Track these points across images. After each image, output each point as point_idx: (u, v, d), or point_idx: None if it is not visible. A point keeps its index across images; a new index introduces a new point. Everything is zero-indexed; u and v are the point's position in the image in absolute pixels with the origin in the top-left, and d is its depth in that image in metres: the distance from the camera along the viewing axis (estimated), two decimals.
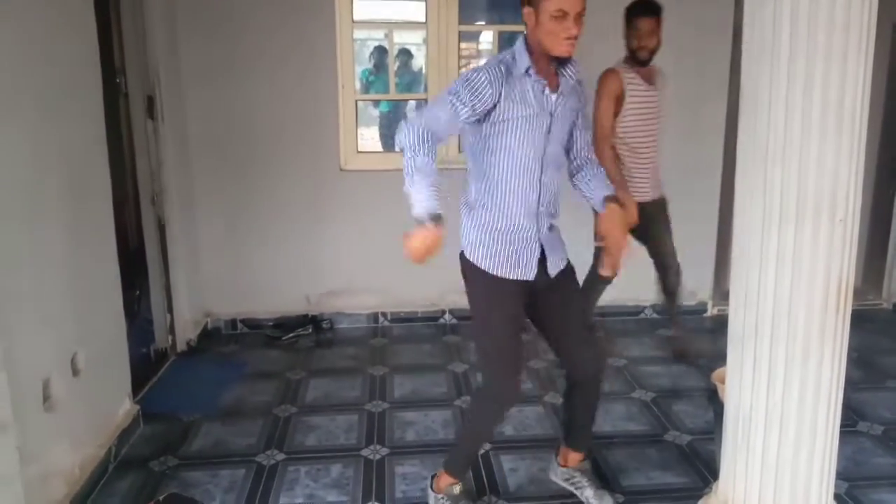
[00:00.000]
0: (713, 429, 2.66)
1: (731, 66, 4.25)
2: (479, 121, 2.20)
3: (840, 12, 1.81)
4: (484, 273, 2.31)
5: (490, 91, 2.14)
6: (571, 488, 2.69)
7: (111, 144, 3.10)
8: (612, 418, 3.32)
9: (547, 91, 2.22)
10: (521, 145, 2.21)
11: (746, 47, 2.01)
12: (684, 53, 4.27)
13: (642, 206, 3.47)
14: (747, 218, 2.05)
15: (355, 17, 4.33)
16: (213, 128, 4.26)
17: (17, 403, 2.21)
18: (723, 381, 2.32)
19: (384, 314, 4.55)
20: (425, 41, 4.48)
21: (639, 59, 3.46)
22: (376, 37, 6.74)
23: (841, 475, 2.31)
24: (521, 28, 5.39)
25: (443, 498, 2.57)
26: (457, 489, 2.58)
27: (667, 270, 3.84)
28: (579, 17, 2.13)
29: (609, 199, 2.30)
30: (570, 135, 2.37)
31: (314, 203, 4.39)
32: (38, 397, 2.44)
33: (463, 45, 4.98)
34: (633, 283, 4.53)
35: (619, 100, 3.43)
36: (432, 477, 2.64)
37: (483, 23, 5.63)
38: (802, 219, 1.92)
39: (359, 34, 4.49)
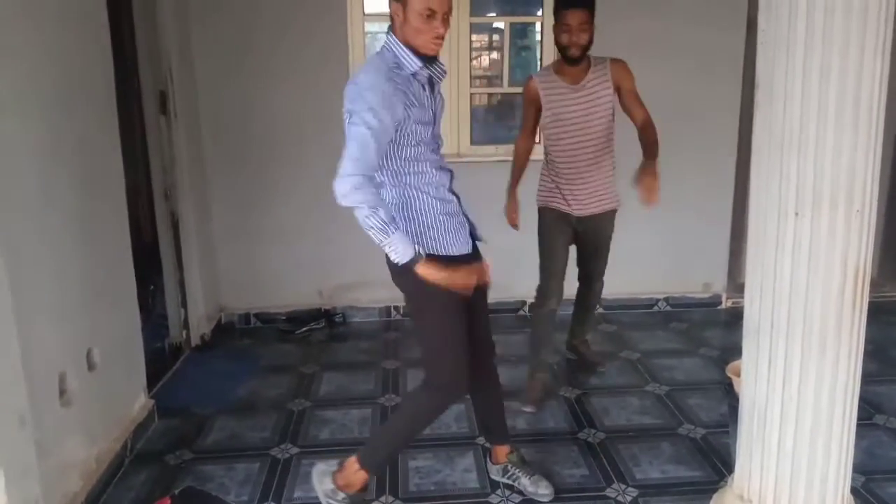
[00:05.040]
0: (728, 422, 2.65)
1: (745, 55, 4.22)
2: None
3: (857, 3, 1.79)
4: None
5: (397, 99, 2.11)
6: (509, 481, 2.72)
7: (124, 140, 3.11)
8: (626, 412, 3.31)
9: (427, 90, 2.23)
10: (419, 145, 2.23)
11: (762, 38, 1.99)
12: (698, 43, 4.24)
13: (575, 219, 3.27)
14: (763, 209, 2.02)
15: (366, 11, 4.32)
16: (225, 122, 4.27)
17: (34, 398, 2.22)
18: (738, 375, 2.31)
19: (397, 308, 4.55)
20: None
21: (568, 58, 3.10)
22: None
23: (857, 468, 2.30)
24: (532, 20, 5.38)
25: (344, 497, 2.46)
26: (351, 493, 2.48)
27: (590, 288, 3.56)
28: (447, 16, 2.14)
29: None
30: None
31: (327, 196, 4.35)
32: (55, 392, 2.46)
33: (474, 36, 4.97)
34: (646, 277, 4.54)
35: (539, 107, 3.21)
36: (340, 465, 2.49)
37: (494, 14, 5.61)
38: (819, 209, 1.90)
39: (370, 27, 4.47)
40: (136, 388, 3.17)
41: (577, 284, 3.57)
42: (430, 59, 2.21)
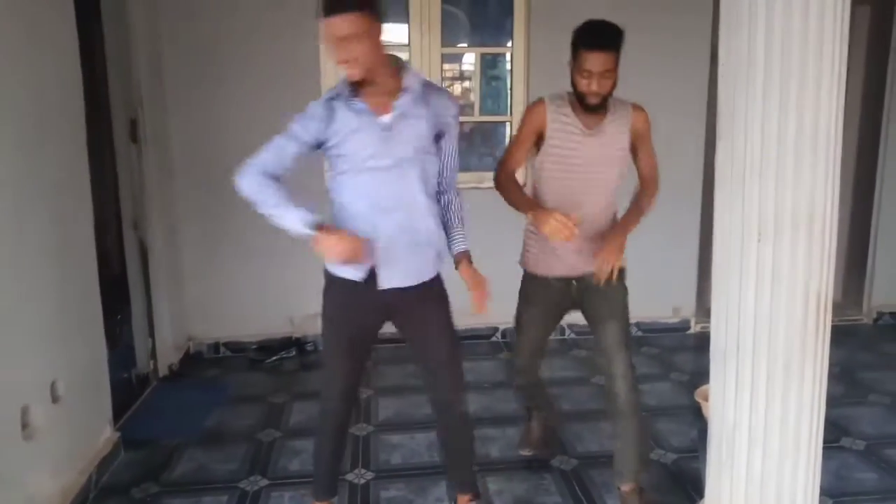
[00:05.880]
0: (698, 447, 2.66)
1: (709, 83, 4.31)
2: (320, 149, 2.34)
3: (813, 38, 1.84)
4: None
5: (314, 124, 2.29)
6: None
7: (93, 168, 3.08)
8: (597, 437, 3.31)
9: (369, 111, 2.28)
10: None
11: (722, 72, 2.03)
12: (664, 70, 4.32)
13: (566, 283, 2.76)
14: (727, 233, 2.06)
15: None
16: (196, 150, 4.25)
17: None
18: (706, 399, 2.33)
19: None
20: (408, 63, 4.50)
21: (586, 105, 2.53)
22: None
23: (825, 491, 2.32)
24: (502, 50, 5.43)
25: None
26: None
27: (610, 376, 2.79)
28: (345, 42, 2.09)
29: (461, 257, 2.43)
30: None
31: None
32: (17, 425, 2.40)
33: (446, 66, 5.02)
34: None
35: (541, 137, 2.64)
36: None
37: (465, 45, 5.67)
38: (781, 234, 1.94)
39: None
40: (102, 421, 3.11)
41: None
42: (367, 86, 2.27)
